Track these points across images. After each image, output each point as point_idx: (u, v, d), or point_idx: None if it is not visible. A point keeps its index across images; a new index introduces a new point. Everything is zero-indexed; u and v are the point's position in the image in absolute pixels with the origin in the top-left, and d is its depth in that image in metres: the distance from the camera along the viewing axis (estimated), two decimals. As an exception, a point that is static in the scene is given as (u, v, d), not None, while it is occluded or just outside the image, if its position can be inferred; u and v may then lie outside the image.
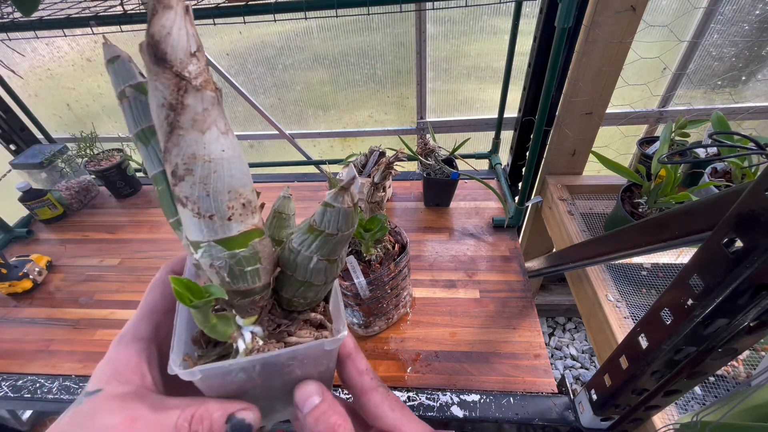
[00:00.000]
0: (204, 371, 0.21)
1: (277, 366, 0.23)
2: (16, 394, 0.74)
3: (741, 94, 1.27)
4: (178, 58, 0.17)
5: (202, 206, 0.19)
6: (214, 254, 0.21)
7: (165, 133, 0.18)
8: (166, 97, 0.17)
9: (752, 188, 0.29)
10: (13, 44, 0.81)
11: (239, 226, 0.21)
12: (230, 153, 0.19)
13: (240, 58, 1.37)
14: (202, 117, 0.18)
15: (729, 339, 0.35)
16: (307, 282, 0.24)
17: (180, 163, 0.18)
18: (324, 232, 0.22)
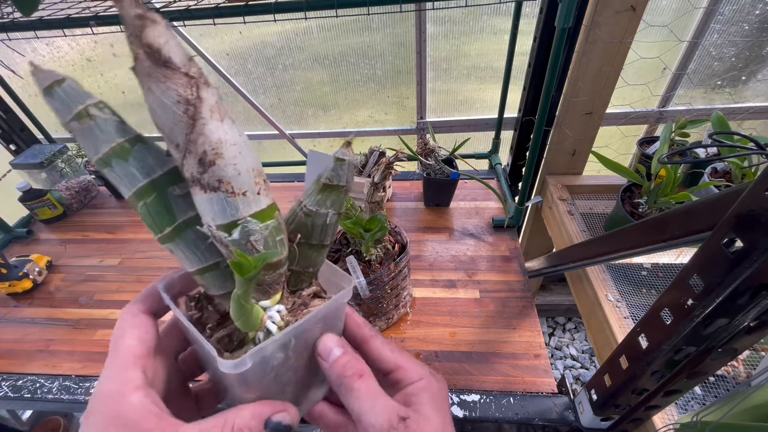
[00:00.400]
0: (253, 355, 0.22)
1: (306, 334, 0.25)
2: (16, 394, 0.74)
3: (741, 94, 1.27)
4: (182, 61, 0.19)
5: (236, 184, 0.21)
6: (252, 229, 0.22)
7: (186, 126, 0.19)
8: (181, 94, 0.19)
9: (752, 188, 0.29)
10: (13, 44, 0.82)
11: (267, 200, 0.23)
12: (244, 137, 0.22)
13: (240, 58, 1.37)
14: (217, 108, 0.20)
15: (729, 339, 0.35)
16: (319, 245, 0.27)
17: (208, 150, 0.20)
18: (338, 186, 0.25)
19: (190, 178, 0.21)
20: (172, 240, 0.23)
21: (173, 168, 0.23)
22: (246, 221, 0.22)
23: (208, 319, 0.26)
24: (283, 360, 0.24)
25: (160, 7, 0.68)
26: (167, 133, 0.20)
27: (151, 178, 0.22)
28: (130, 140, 0.21)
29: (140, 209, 0.22)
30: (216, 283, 0.25)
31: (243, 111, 1.52)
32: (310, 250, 0.27)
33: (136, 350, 0.23)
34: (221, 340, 0.25)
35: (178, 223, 0.23)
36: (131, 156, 0.21)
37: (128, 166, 0.21)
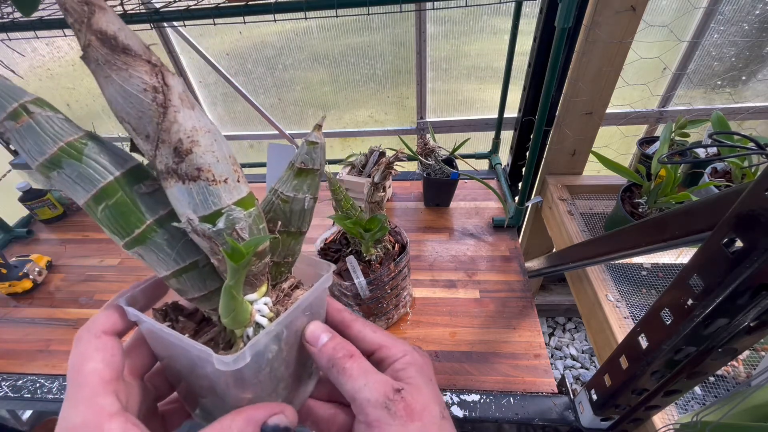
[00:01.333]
0: (251, 347, 0.21)
1: (296, 324, 0.25)
2: (16, 394, 0.74)
3: (741, 94, 1.27)
4: (141, 48, 0.18)
5: (216, 172, 0.20)
6: (236, 216, 0.21)
7: (157, 114, 0.18)
8: (147, 81, 0.18)
9: (752, 188, 0.29)
10: (13, 44, 0.81)
11: (246, 188, 0.22)
12: (216, 126, 0.20)
13: (240, 58, 1.37)
14: (185, 96, 0.19)
15: (729, 339, 0.35)
16: (297, 232, 0.27)
17: (184, 137, 0.19)
18: (313, 170, 0.25)
19: (164, 170, 0.19)
20: (143, 242, 0.21)
21: (136, 165, 0.21)
22: (230, 209, 0.20)
23: (184, 330, 0.25)
24: (276, 353, 0.24)
25: (160, 7, 0.68)
26: (134, 124, 0.18)
27: (113, 177, 0.20)
28: (81, 138, 0.20)
29: (100, 214, 0.20)
30: (195, 285, 0.23)
31: (243, 111, 1.52)
32: (289, 238, 0.26)
33: (104, 374, 0.21)
34: (207, 344, 0.24)
35: (148, 222, 0.21)
36: (84, 155, 0.19)
37: (82, 167, 0.19)
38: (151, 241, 0.21)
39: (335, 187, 0.66)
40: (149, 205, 0.21)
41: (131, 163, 0.21)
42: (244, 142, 1.65)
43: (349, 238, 0.70)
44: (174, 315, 0.26)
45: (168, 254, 0.22)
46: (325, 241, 0.73)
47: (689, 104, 1.30)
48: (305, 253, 0.31)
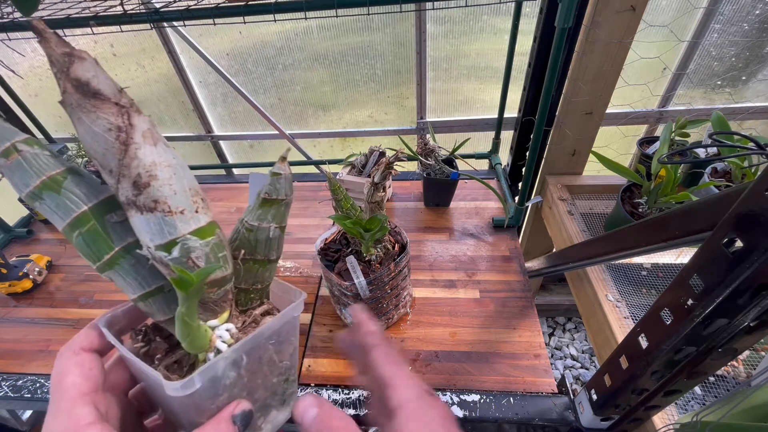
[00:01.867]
0: (202, 374, 0.22)
1: (259, 351, 0.25)
2: (16, 394, 0.74)
3: (741, 94, 1.27)
4: (112, 92, 0.20)
5: (173, 203, 0.21)
6: (192, 245, 0.22)
7: (119, 152, 0.20)
8: (111, 121, 0.20)
9: (752, 188, 0.29)
10: (13, 44, 0.82)
11: (205, 217, 0.23)
12: (180, 160, 0.22)
13: (240, 58, 1.37)
14: (150, 133, 0.21)
15: (729, 339, 0.35)
16: (265, 260, 0.27)
17: (143, 172, 0.20)
18: (277, 200, 0.26)
19: (125, 202, 0.21)
20: (112, 267, 0.23)
21: (109, 197, 0.23)
22: (185, 239, 0.22)
23: (156, 350, 0.26)
24: (235, 379, 0.24)
25: (160, 7, 0.68)
26: (100, 160, 0.20)
27: (87, 207, 0.22)
28: (63, 172, 0.22)
29: (75, 240, 0.22)
30: (160, 308, 0.24)
31: (243, 111, 1.52)
32: (255, 265, 0.27)
33: (82, 387, 0.22)
34: (170, 366, 0.25)
35: (116, 249, 0.22)
36: (63, 188, 0.21)
37: (60, 198, 0.21)
38: (119, 266, 0.23)
39: (335, 187, 0.66)
40: (118, 233, 0.23)
41: (106, 194, 0.23)
42: (244, 142, 1.65)
43: (349, 238, 0.70)
44: (152, 335, 0.27)
45: (135, 279, 0.23)
46: (325, 241, 0.73)
47: (689, 104, 1.30)
48: (305, 256, 0.31)
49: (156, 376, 0.22)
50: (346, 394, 0.69)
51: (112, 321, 0.26)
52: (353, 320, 0.30)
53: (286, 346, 0.27)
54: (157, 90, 1.48)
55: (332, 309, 0.83)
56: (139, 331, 0.27)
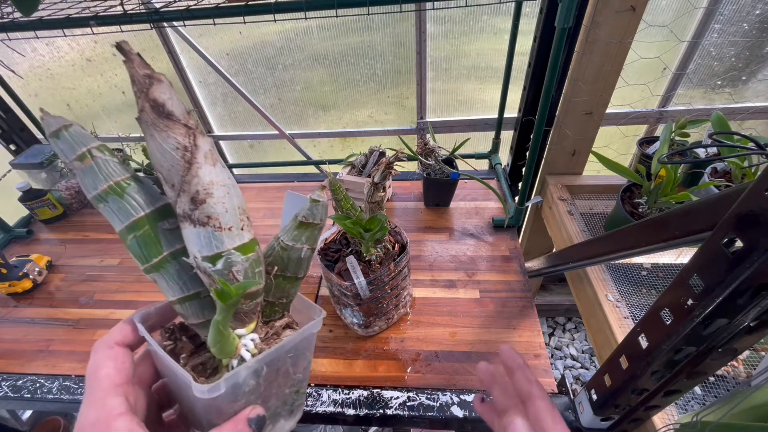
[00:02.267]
0: (227, 380, 0.23)
1: (278, 363, 0.27)
2: (16, 394, 0.74)
3: (741, 94, 1.27)
4: (182, 114, 0.22)
5: (223, 220, 0.23)
6: (234, 260, 0.24)
7: (182, 169, 0.22)
8: (180, 141, 0.22)
9: (752, 188, 0.29)
10: (13, 44, 0.82)
11: (249, 235, 0.25)
12: (233, 181, 0.25)
13: (240, 58, 1.37)
14: (210, 154, 0.23)
15: (729, 339, 0.35)
16: (293, 277, 0.29)
17: (201, 189, 0.23)
18: (313, 224, 0.28)
19: (181, 214, 0.23)
20: (158, 270, 0.25)
21: (164, 205, 0.25)
22: (230, 253, 0.24)
23: (182, 350, 0.27)
24: (254, 387, 0.26)
25: (160, 7, 0.68)
26: (164, 174, 0.23)
27: (144, 213, 0.24)
28: (127, 179, 0.24)
29: (129, 241, 0.24)
30: (195, 312, 0.26)
31: (243, 111, 1.52)
32: (284, 282, 0.29)
33: (115, 379, 0.24)
34: (195, 367, 0.26)
35: (164, 254, 0.24)
36: (126, 193, 0.23)
37: (122, 202, 0.23)
38: (165, 270, 0.25)
39: (335, 187, 0.66)
40: (168, 240, 0.25)
41: (161, 202, 0.25)
42: (244, 142, 1.65)
43: (349, 238, 0.70)
44: (179, 334, 0.28)
45: (176, 283, 0.25)
46: (325, 241, 0.73)
47: (689, 104, 1.30)
48: None
49: (186, 377, 0.23)
50: (346, 394, 0.69)
51: (145, 318, 0.27)
52: (505, 358, 0.31)
53: (302, 361, 0.29)
54: (157, 90, 1.48)
55: (332, 309, 0.83)
56: (168, 329, 0.28)
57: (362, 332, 0.77)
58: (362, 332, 0.77)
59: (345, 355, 0.75)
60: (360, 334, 0.77)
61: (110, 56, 1.38)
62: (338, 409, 0.67)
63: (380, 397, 0.67)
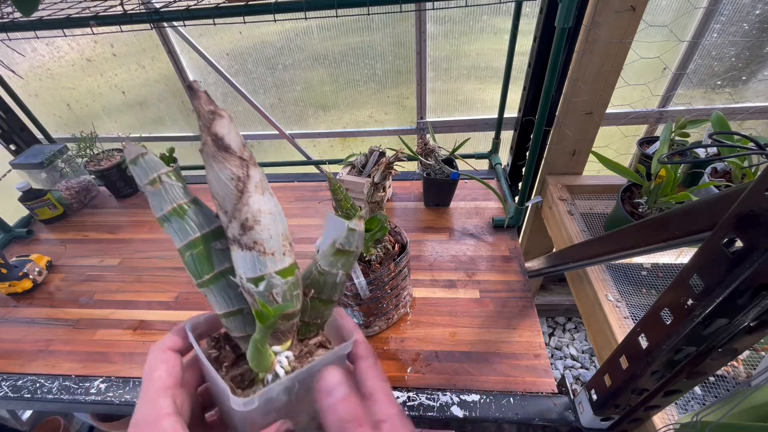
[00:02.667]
0: (261, 395, 0.25)
1: (309, 381, 0.27)
2: (16, 394, 0.74)
3: (741, 94, 1.27)
4: (238, 147, 0.25)
5: (267, 246, 0.25)
6: (274, 283, 0.26)
7: (235, 197, 0.24)
8: (234, 172, 0.24)
9: (752, 188, 0.29)
10: (13, 44, 0.81)
11: (290, 260, 0.27)
12: (279, 208, 0.26)
13: (240, 58, 1.37)
14: (260, 184, 0.25)
15: (729, 339, 0.35)
16: (328, 300, 0.31)
17: (250, 216, 0.25)
18: (349, 251, 0.29)
19: (231, 238, 0.25)
20: (208, 285, 0.27)
21: (218, 227, 0.27)
22: (271, 276, 0.26)
23: (225, 359, 0.29)
24: (285, 403, 0.27)
25: (160, 7, 0.68)
26: (220, 201, 0.25)
27: (201, 233, 0.26)
28: (188, 202, 0.27)
29: (186, 258, 0.26)
30: (238, 326, 0.28)
31: (243, 111, 1.52)
32: (320, 304, 0.31)
33: (166, 382, 0.26)
34: (234, 378, 0.29)
35: (215, 272, 0.27)
36: (186, 215, 0.26)
37: (183, 223, 0.26)
38: (214, 285, 0.27)
39: (335, 187, 0.66)
40: (219, 259, 0.27)
41: (215, 224, 0.27)
42: (244, 142, 1.65)
43: (349, 238, 0.70)
44: (223, 343, 0.30)
45: (223, 298, 0.28)
46: (325, 241, 0.73)
47: (689, 104, 1.30)
48: (305, 256, 0.33)
49: (225, 388, 0.25)
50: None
51: (194, 326, 0.30)
52: (338, 324, 0.32)
53: None
54: (157, 90, 1.48)
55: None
56: (214, 338, 0.30)
57: (362, 332, 0.77)
58: (362, 332, 0.77)
59: (345, 355, 0.75)
60: (360, 334, 0.77)
61: (110, 56, 1.38)
62: (338, 409, 0.67)
63: (380, 397, 0.67)
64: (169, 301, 0.90)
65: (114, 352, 0.80)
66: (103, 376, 0.76)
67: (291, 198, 1.19)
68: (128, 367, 0.77)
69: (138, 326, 0.85)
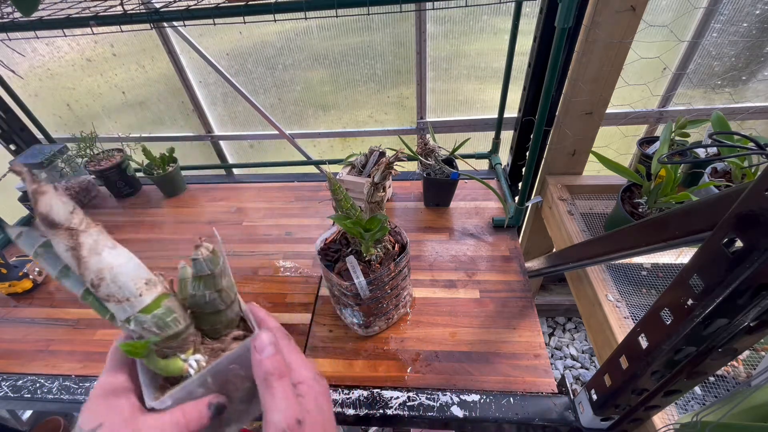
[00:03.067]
0: (172, 395, 0.29)
1: (223, 372, 0.32)
2: (16, 394, 0.74)
3: (741, 94, 1.27)
4: (64, 219, 0.27)
5: (120, 295, 0.29)
6: (141, 320, 0.29)
7: (77, 265, 0.27)
8: (67, 243, 0.27)
9: (752, 188, 0.29)
10: (13, 44, 0.82)
11: (149, 297, 0.30)
12: (123, 258, 0.30)
13: (240, 58, 1.37)
14: (95, 245, 0.28)
15: (729, 339, 0.35)
16: (216, 311, 0.34)
17: (94, 277, 0.28)
18: (206, 275, 0.33)
19: (94, 293, 0.29)
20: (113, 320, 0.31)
21: None
22: (136, 316, 0.29)
23: None
24: (205, 392, 0.31)
25: (160, 7, 0.68)
26: (72, 269, 0.28)
27: (86, 287, 0.30)
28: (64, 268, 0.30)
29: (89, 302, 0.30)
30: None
31: (243, 111, 1.52)
32: (209, 315, 0.34)
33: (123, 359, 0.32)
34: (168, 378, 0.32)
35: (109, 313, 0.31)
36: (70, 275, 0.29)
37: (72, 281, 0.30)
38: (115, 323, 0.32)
39: (335, 187, 0.66)
40: None
41: None
42: (244, 142, 1.65)
43: (349, 238, 0.70)
44: None
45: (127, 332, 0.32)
46: (325, 241, 0.73)
47: (689, 104, 1.30)
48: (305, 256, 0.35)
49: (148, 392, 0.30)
50: (346, 394, 0.69)
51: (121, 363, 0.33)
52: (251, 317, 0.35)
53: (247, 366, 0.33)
54: (157, 90, 1.48)
55: (332, 309, 0.83)
56: None
57: (362, 332, 0.77)
58: (362, 332, 0.77)
59: (345, 355, 0.75)
60: (360, 334, 0.77)
61: (110, 56, 1.38)
62: (338, 409, 0.67)
63: (380, 397, 0.67)
64: (169, 301, 0.90)
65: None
66: (103, 376, 0.76)
67: (291, 198, 1.19)
68: (128, 367, 0.77)
69: (138, 326, 0.85)
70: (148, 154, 1.19)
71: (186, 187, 1.28)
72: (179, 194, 1.26)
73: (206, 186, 1.29)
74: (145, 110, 1.55)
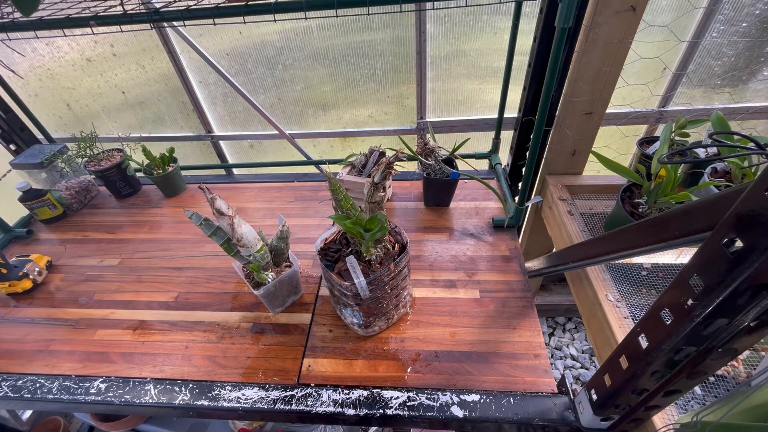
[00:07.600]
0: (263, 289, 0.78)
1: (281, 281, 0.80)
2: (16, 394, 0.74)
3: (741, 94, 1.27)
4: (227, 211, 0.70)
5: (249, 244, 0.74)
6: (255, 256, 0.76)
7: (232, 232, 0.72)
8: (228, 222, 0.70)
9: (752, 188, 0.29)
10: (13, 44, 0.82)
11: (257, 246, 0.76)
12: (248, 229, 0.74)
13: (240, 58, 1.37)
14: (239, 223, 0.72)
15: (729, 339, 0.35)
16: (281, 253, 0.82)
17: (238, 237, 0.73)
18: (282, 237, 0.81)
19: (236, 245, 0.74)
20: (237, 255, 0.77)
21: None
22: (253, 254, 0.76)
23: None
24: (276, 289, 0.80)
25: (160, 7, 0.68)
26: (229, 234, 0.72)
27: (228, 238, 0.74)
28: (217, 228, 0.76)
29: (223, 246, 0.74)
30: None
31: (243, 111, 1.52)
32: (278, 255, 0.82)
33: None
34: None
35: (234, 251, 0.76)
36: (217, 234, 0.73)
37: (217, 237, 0.73)
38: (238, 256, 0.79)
39: (335, 187, 0.66)
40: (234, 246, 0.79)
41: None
42: (244, 142, 1.65)
43: (349, 238, 0.70)
44: None
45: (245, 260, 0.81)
46: (325, 241, 0.73)
47: (689, 104, 1.30)
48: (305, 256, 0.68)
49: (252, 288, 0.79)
50: (346, 394, 0.69)
51: None
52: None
53: (293, 279, 0.83)
54: (157, 90, 1.48)
55: (332, 309, 0.83)
56: None
57: (362, 332, 0.77)
58: (362, 332, 0.77)
59: (345, 355, 0.75)
60: (360, 334, 0.77)
61: (110, 56, 1.38)
62: (338, 409, 0.67)
63: (380, 397, 0.67)
64: (169, 301, 0.90)
65: (114, 352, 0.80)
66: (103, 376, 0.76)
67: (291, 198, 1.19)
68: (128, 367, 0.77)
69: (138, 326, 0.85)
70: (148, 154, 1.19)
71: (186, 187, 1.28)
72: (179, 194, 1.26)
73: (206, 186, 1.29)
74: (145, 110, 1.55)
